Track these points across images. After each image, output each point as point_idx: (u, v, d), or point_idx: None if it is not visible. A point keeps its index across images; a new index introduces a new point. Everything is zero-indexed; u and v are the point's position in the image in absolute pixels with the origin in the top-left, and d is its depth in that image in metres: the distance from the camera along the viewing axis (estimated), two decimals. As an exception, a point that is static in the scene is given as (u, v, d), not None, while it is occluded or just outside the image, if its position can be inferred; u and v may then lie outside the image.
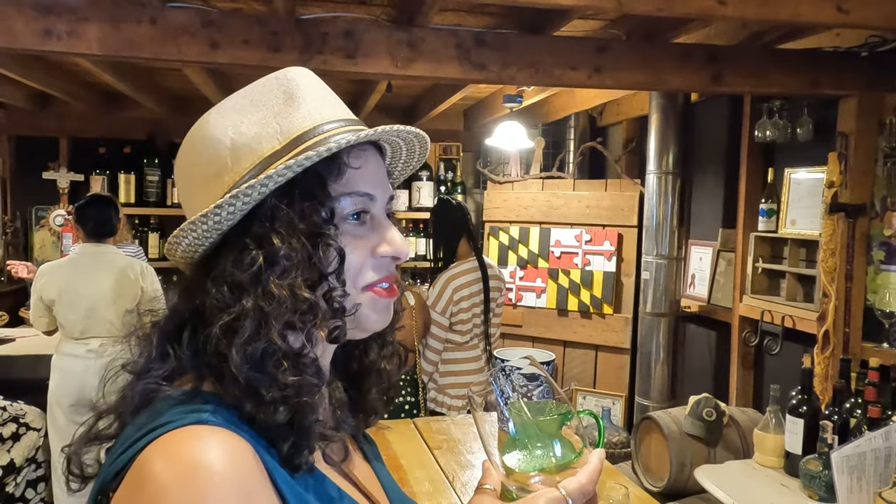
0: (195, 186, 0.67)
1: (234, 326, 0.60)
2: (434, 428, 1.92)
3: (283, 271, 0.61)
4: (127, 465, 0.56)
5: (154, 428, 0.58)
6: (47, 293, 2.88)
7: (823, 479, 1.96)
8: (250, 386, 0.60)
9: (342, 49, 2.13)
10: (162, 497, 0.53)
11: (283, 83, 0.68)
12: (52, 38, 1.97)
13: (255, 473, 0.57)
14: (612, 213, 4.02)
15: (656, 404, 3.38)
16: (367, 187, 0.68)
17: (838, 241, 2.51)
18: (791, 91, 2.55)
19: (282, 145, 0.64)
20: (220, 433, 0.57)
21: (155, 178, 4.57)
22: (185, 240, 0.65)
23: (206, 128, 0.67)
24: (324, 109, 0.68)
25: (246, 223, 0.64)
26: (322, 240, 0.64)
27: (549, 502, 0.63)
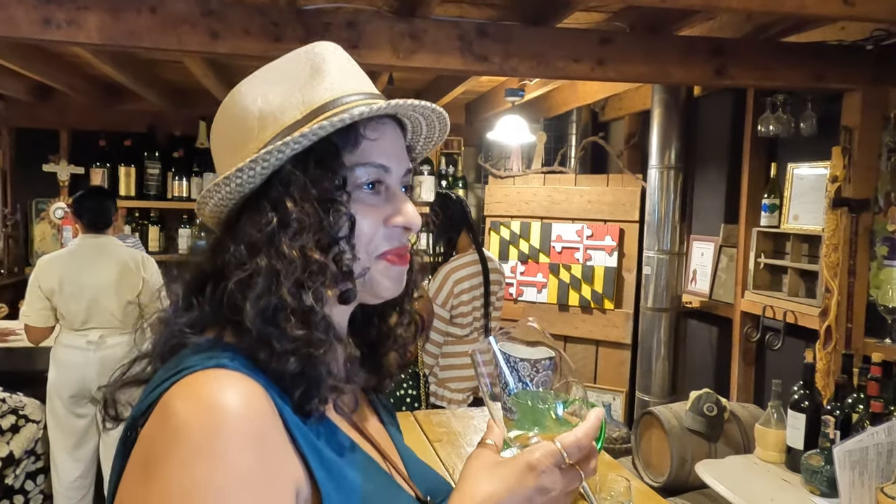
0: (225, 152, 0.72)
1: (248, 282, 0.65)
2: (434, 421, 1.91)
3: (294, 233, 0.65)
4: (154, 403, 0.62)
5: (179, 371, 0.63)
6: (46, 283, 2.86)
7: (825, 475, 1.95)
8: (262, 337, 0.64)
9: (344, 40, 2.11)
10: (182, 431, 0.58)
11: (311, 56, 0.72)
12: (52, 26, 1.96)
13: (269, 415, 0.62)
14: (614, 208, 4.01)
15: (657, 399, 3.37)
16: (382, 159, 0.71)
17: (841, 237, 2.50)
18: (795, 85, 2.53)
19: (302, 115, 0.68)
20: (237, 376, 0.62)
21: (155, 171, 4.55)
22: (212, 200, 0.70)
23: (238, 97, 0.72)
24: (346, 83, 0.71)
25: (265, 188, 0.68)
26: (333, 206, 0.67)
27: (544, 454, 0.65)
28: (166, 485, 0.57)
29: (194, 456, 0.57)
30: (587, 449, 0.66)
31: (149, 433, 0.60)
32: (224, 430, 0.58)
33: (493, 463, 0.67)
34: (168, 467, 0.57)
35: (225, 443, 0.57)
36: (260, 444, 0.59)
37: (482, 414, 1.95)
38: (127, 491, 0.60)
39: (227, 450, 0.57)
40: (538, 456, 0.65)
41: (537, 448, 0.66)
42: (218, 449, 0.57)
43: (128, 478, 0.61)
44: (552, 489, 0.65)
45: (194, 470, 0.56)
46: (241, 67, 3.64)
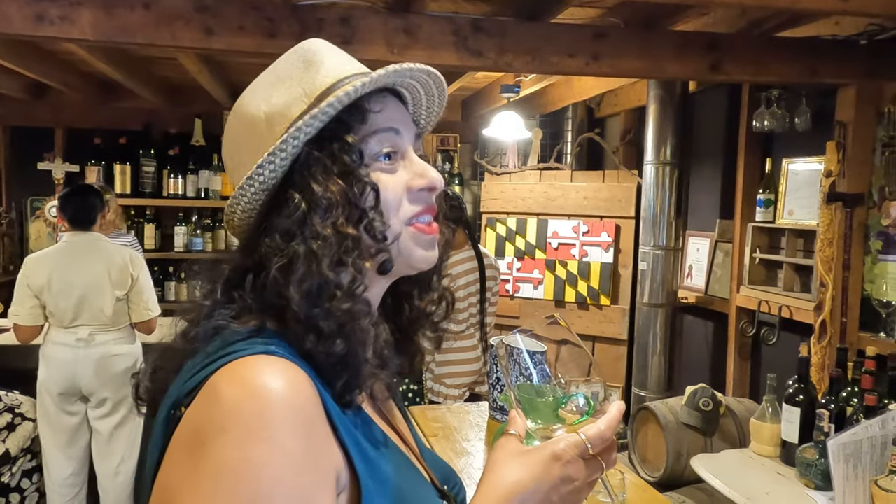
0: (241, 160, 0.73)
1: (288, 268, 0.66)
2: (430, 416, 1.92)
3: (324, 212, 0.67)
4: (199, 385, 0.62)
5: (225, 354, 0.63)
6: (35, 281, 2.82)
7: (819, 468, 1.96)
8: (309, 320, 0.65)
9: (338, 35, 2.11)
10: (234, 413, 0.59)
11: (302, 53, 0.74)
12: (45, 22, 1.96)
13: (315, 402, 0.63)
14: (610, 204, 4.01)
15: (653, 395, 3.38)
16: (389, 123, 0.73)
17: (836, 231, 2.51)
18: (789, 80, 2.54)
19: (308, 104, 0.70)
20: (284, 363, 0.63)
21: (151, 168, 4.55)
22: (239, 206, 0.71)
23: (242, 108, 0.74)
24: (342, 67, 0.73)
25: (288, 178, 0.69)
26: (355, 178, 0.69)
27: (568, 445, 0.67)
28: (218, 465, 0.57)
29: (247, 437, 0.58)
30: (609, 441, 0.68)
31: (195, 415, 0.61)
32: (276, 415, 0.59)
33: (518, 452, 0.69)
34: (220, 448, 0.58)
35: (277, 427, 0.58)
36: (308, 430, 0.61)
37: (478, 409, 1.95)
38: (173, 470, 0.61)
39: (280, 433, 0.58)
40: (563, 446, 0.67)
41: (562, 439, 0.68)
42: (270, 432, 0.58)
43: (173, 458, 0.61)
44: (576, 479, 0.67)
45: (247, 451, 0.57)
46: (237, 64, 3.64)
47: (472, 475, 1.53)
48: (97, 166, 4.51)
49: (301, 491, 0.59)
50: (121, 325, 2.93)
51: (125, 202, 4.50)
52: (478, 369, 3.00)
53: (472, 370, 2.99)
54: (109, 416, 2.92)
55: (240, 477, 0.57)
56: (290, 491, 0.58)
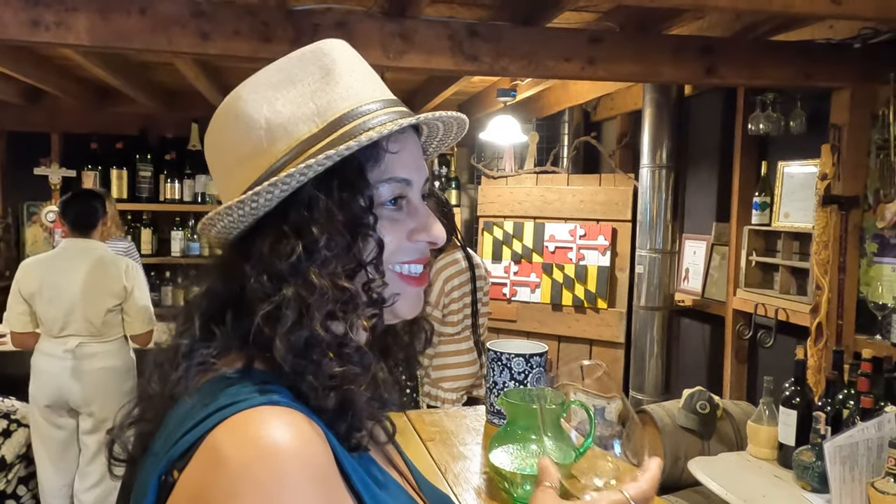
0: (228, 165, 0.66)
1: (275, 315, 0.60)
2: (427, 420, 1.92)
3: (322, 262, 0.61)
4: (195, 444, 0.56)
5: (222, 407, 0.57)
6: (26, 287, 2.77)
7: (816, 470, 1.96)
8: (297, 374, 0.60)
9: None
10: (244, 478, 0.53)
11: (319, 57, 0.66)
12: (41, 28, 1.96)
13: (326, 453, 0.58)
14: (606, 207, 4.02)
15: (650, 398, 3.38)
16: (405, 172, 0.67)
17: (831, 234, 2.52)
18: (784, 83, 2.55)
19: (319, 129, 0.63)
20: (293, 414, 0.57)
21: (147, 173, 4.55)
22: (221, 222, 0.64)
23: (239, 104, 0.65)
24: (362, 88, 0.66)
25: (282, 208, 0.63)
26: (361, 230, 0.64)
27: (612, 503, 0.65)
28: None
29: (264, 501, 0.53)
30: (650, 499, 0.67)
31: (196, 479, 0.55)
32: (291, 473, 0.54)
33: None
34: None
35: (294, 485, 0.54)
36: (325, 485, 0.57)
37: (475, 413, 1.95)
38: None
39: (298, 493, 0.54)
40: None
41: (605, 497, 0.66)
42: (288, 493, 0.54)
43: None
44: None
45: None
46: (233, 69, 3.64)
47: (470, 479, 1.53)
48: (94, 171, 4.51)
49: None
50: (112, 337, 2.84)
51: (122, 207, 4.48)
52: (475, 372, 3.00)
53: (469, 373, 2.99)
54: (94, 432, 2.81)
55: None
56: None
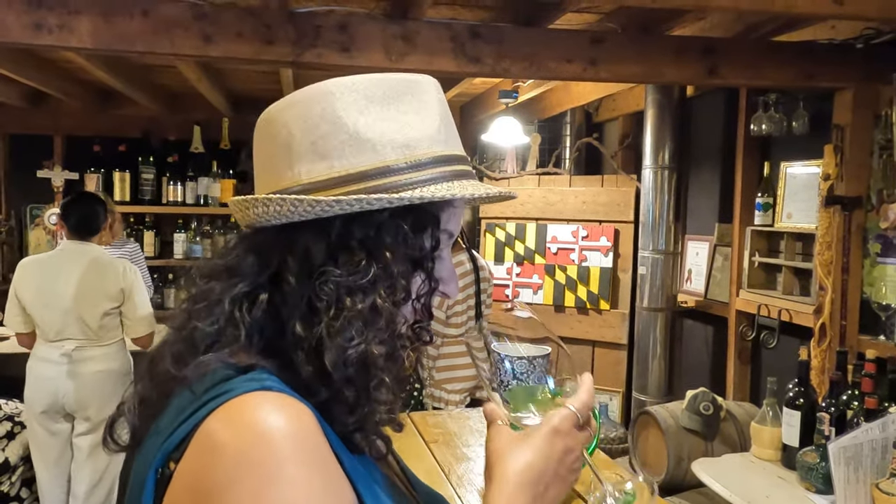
0: (296, 151, 0.65)
1: (337, 328, 0.61)
2: (430, 422, 1.92)
3: (389, 288, 0.64)
4: (189, 434, 0.57)
5: (214, 396, 0.58)
6: (22, 289, 2.74)
7: (820, 471, 1.95)
8: (338, 384, 0.61)
9: (336, 42, 2.12)
10: (241, 462, 0.54)
11: (417, 92, 0.68)
12: (44, 31, 1.96)
13: (322, 437, 0.59)
14: (609, 208, 4.01)
15: (653, 399, 3.37)
16: (453, 227, 0.71)
17: (834, 234, 2.51)
18: (786, 84, 2.55)
19: (405, 161, 0.65)
20: (286, 398, 0.58)
21: (150, 175, 4.55)
22: (277, 207, 0.63)
23: (331, 99, 0.65)
24: (447, 139, 0.69)
25: (346, 221, 0.64)
26: (425, 267, 0.67)
27: (564, 418, 0.70)
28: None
29: (262, 484, 0.54)
30: (591, 407, 0.72)
31: (194, 468, 0.56)
32: (288, 454, 0.55)
33: (517, 438, 0.69)
34: (235, 501, 0.54)
35: (291, 465, 0.55)
36: (322, 464, 0.58)
37: (478, 415, 1.95)
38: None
39: (296, 471, 0.55)
40: (558, 421, 0.69)
41: (555, 414, 0.70)
42: (286, 472, 0.54)
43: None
44: (574, 448, 0.69)
45: (267, 498, 0.54)
46: (235, 71, 3.65)
47: (473, 481, 1.53)
48: (96, 174, 4.51)
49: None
50: (109, 341, 2.80)
51: (125, 209, 4.49)
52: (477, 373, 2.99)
53: (472, 374, 2.99)
54: (89, 433, 2.78)
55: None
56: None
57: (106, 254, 2.92)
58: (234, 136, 4.64)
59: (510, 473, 0.66)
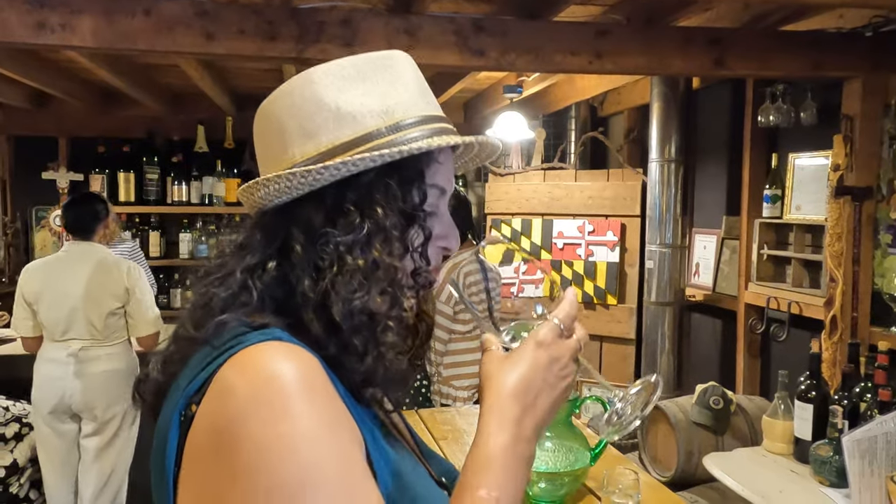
0: (286, 135, 0.71)
1: (339, 283, 0.66)
2: (439, 419, 1.90)
3: (384, 240, 0.68)
4: (208, 381, 0.62)
5: (230, 347, 0.63)
6: (28, 291, 2.74)
7: (834, 465, 1.93)
8: (347, 334, 0.66)
9: (339, 37, 2.10)
10: (251, 401, 0.59)
11: (390, 64, 0.73)
12: (46, 30, 1.95)
13: (329, 381, 0.64)
14: (615, 202, 3.99)
15: (662, 394, 3.35)
16: (444, 182, 0.76)
17: (844, 225, 2.49)
18: (794, 74, 2.52)
19: (385, 125, 0.70)
20: (294, 347, 0.64)
21: (154, 176, 4.55)
22: (274, 186, 0.69)
23: (311, 85, 0.71)
24: (424, 102, 0.74)
25: (338, 187, 0.69)
26: (417, 219, 0.71)
27: (546, 330, 0.73)
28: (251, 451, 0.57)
29: (272, 417, 0.58)
30: (574, 318, 0.75)
31: (210, 411, 0.61)
32: (295, 390, 0.59)
33: (505, 356, 0.73)
34: (248, 435, 0.58)
35: (299, 399, 0.59)
36: (329, 400, 0.62)
37: (487, 411, 1.93)
38: (202, 472, 0.60)
39: (304, 405, 0.59)
40: (542, 333, 0.72)
41: (538, 328, 0.73)
42: (294, 406, 0.59)
43: (197, 459, 0.61)
44: (562, 356, 0.72)
45: (277, 428, 0.58)
46: (238, 70, 3.64)
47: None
48: (101, 175, 4.52)
49: (341, 449, 0.60)
50: (115, 341, 2.81)
51: (129, 210, 4.50)
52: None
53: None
54: (96, 434, 2.79)
55: (280, 454, 0.57)
56: (331, 451, 0.59)
57: (111, 254, 2.92)
58: (237, 134, 4.63)
59: (499, 388, 0.70)
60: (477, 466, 0.67)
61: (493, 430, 0.68)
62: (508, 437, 0.67)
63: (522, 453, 0.68)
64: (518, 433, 0.68)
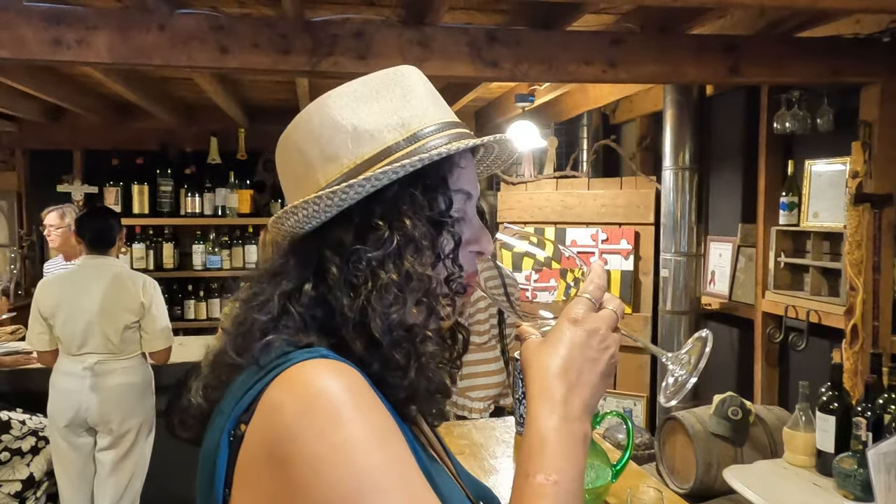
0: (309, 162, 0.72)
1: (376, 298, 0.67)
2: (455, 433, 1.89)
3: (415, 251, 0.69)
4: (256, 399, 0.63)
5: (276, 366, 0.64)
6: (44, 306, 2.75)
7: (859, 478, 1.90)
8: (387, 349, 0.67)
9: (352, 50, 2.10)
10: (302, 416, 0.59)
11: (400, 79, 0.74)
12: (62, 47, 1.97)
13: (377, 396, 0.64)
14: (628, 211, 3.97)
15: (679, 404, 3.31)
16: (469, 186, 0.75)
17: (864, 233, 2.45)
18: (811, 80, 2.50)
19: (403, 138, 0.70)
20: (339, 363, 0.64)
21: (168, 188, 4.57)
22: (304, 212, 0.69)
23: (326, 109, 0.72)
24: (436, 110, 0.74)
25: (365, 203, 0.69)
26: (445, 226, 0.71)
27: (577, 305, 0.72)
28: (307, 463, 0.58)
29: (324, 428, 0.58)
30: (605, 289, 0.74)
31: (262, 426, 0.61)
32: (345, 401, 0.60)
33: (542, 341, 0.72)
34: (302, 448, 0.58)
35: (350, 409, 0.60)
36: (378, 408, 0.63)
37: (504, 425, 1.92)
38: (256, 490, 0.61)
39: (355, 413, 0.60)
40: (575, 309, 0.72)
41: (570, 305, 0.72)
42: (346, 415, 0.59)
43: (249, 478, 0.61)
44: (599, 328, 0.71)
45: (331, 438, 0.58)
46: (251, 82, 3.65)
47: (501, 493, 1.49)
48: (115, 187, 4.55)
49: (397, 454, 0.60)
50: (130, 354, 2.81)
51: (143, 222, 4.53)
52: (502, 381, 2.96)
53: (496, 382, 2.96)
54: (111, 448, 2.79)
55: (335, 464, 0.57)
56: (387, 457, 0.59)
57: (126, 268, 2.94)
58: (250, 146, 4.65)
59: (541, 372, 0.69)
60: (531, 453, 0.65)
61: (541, 414, 0.67)
62: (557, 418, 0.67)
63: (575, 433, 0.67)
64: (567, 412, 0.67)
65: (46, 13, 1.97)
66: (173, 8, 2.06)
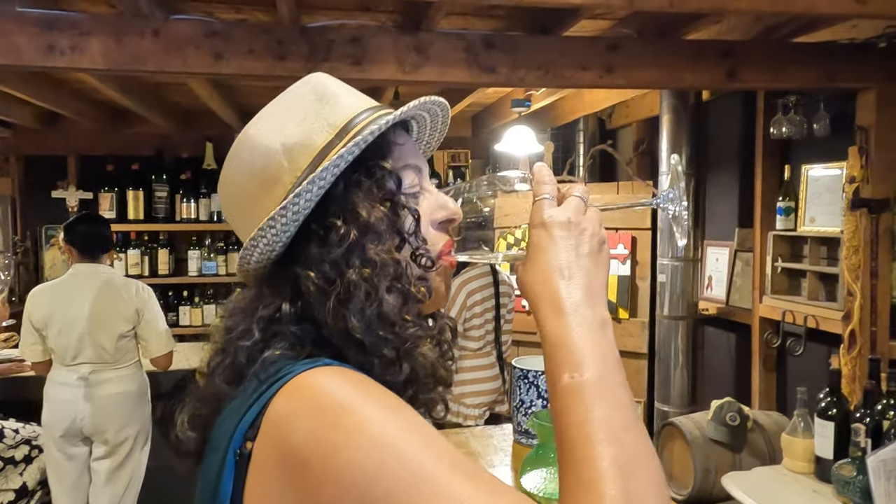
0: (253, 195, 0.71)
1: (346, 298, 0.66)
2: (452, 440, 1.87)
3: (375, 237, 0.67)
4: (260, 414, 0.61)
5: (278, 378, 0.62)
6: (36, 316, 2.71)
7: (858, 485, 1.88)
8: (373, 348, 0.66)
9: (349, 56, 2.09)
10: (312, 415, 0.58)
11: (312, 87, 0.74)
12: (56, 53, 1.95)
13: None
14: (625, 215, 3.96)
15: (677, 409, 3.31)
16: (414, 160, 0.75)
17: (861, 238, 2.45)
18: (807, 85, 2.50)
19: (333, 135, 0.70)
20: (344, 368, 0.63)
21: (163, 193, 4.56)
22: (263, 240, 0.68)
23: (251, 139, 0.72)
24: (356, 101, 0.74)
25: (321, 208, 0.68)
26: (398, 204, 0.70)
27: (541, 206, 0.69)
28: (323, 459, 0.56)
29: (337, 418, 0.57)
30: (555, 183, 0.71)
31: (272, 439, 0.59)
32: (355, 393, 0.59)
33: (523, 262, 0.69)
34: (318, 443, 0.56)
35: (361, 397, 0.59)
36: (392, 393, 0.62)
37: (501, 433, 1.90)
38: (271, 499, 0.59)
39: (366, 400, 0.59)
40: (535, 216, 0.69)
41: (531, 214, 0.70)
42: (358, 404, 0.58)
43: (263, 489, 0.60)
44: (568, 217, 0.67)
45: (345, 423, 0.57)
46: (246, 87, 3.64)
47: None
48: (110, 193, 4.53)
49: (409, 420, 0.59)
50: (126, 363, 2.78)
51: (138, 228, 4.51)
52: (497, 387, 2.95)
53: (492, 388, 2.95)
54: (107, 457, 2.76)
55: (353, 445, 0.56)
56: (401, 424, 0.58)
57: (119, 275, 2.90)
58: (246, 151, 4.63)
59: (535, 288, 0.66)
60: (550, 359, 0.62)
61: (546, 321, 0.63)
62: (562, 314, 0.63)
63: (587, 319, 0.63)
64: (570, 306, 0.63)
65: (40, 19, 1.95)
66: (168, 14, 2.05)
